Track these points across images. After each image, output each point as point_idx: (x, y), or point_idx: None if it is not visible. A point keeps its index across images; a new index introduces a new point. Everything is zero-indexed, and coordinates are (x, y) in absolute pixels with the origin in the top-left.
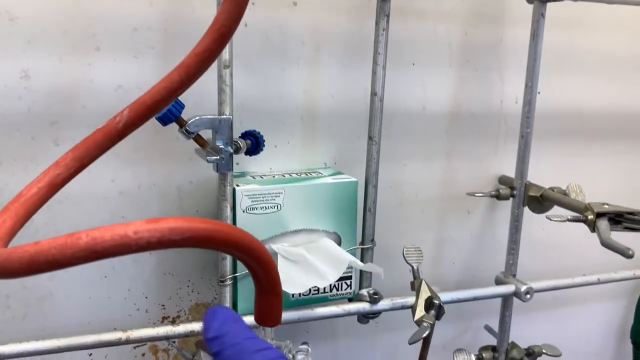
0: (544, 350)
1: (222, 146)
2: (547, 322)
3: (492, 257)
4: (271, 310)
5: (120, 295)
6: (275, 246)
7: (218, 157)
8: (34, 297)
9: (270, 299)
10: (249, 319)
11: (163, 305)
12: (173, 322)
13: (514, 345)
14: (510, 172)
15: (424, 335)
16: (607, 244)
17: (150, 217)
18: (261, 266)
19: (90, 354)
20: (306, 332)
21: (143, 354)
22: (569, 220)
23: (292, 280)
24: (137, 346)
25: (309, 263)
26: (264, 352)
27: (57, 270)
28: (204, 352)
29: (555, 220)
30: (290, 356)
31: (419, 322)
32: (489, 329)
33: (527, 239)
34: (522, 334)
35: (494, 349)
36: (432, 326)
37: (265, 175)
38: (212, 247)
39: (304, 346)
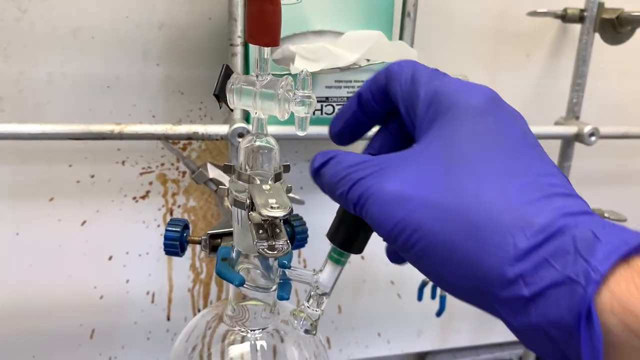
0: (606, 215)
1: None
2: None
3: (552, 115)
4: (264, 17)
5: (124, 111)
6: (293, 47)
7: None
8: (30, 103)
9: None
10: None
11: None
12: (184, 149)
13: None
14: None
15: None
16: None
17: (156, 18)
18: None
19: (93, 176)
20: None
21: (150, 182)
22: None
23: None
24: (144, 172)
25: (330, 54)
26: None
27: None
28: (210, 164)
29: None
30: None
31: None
32: None
33: (592, 90)
34: None
35: None
36: None
37: None
38: None
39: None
